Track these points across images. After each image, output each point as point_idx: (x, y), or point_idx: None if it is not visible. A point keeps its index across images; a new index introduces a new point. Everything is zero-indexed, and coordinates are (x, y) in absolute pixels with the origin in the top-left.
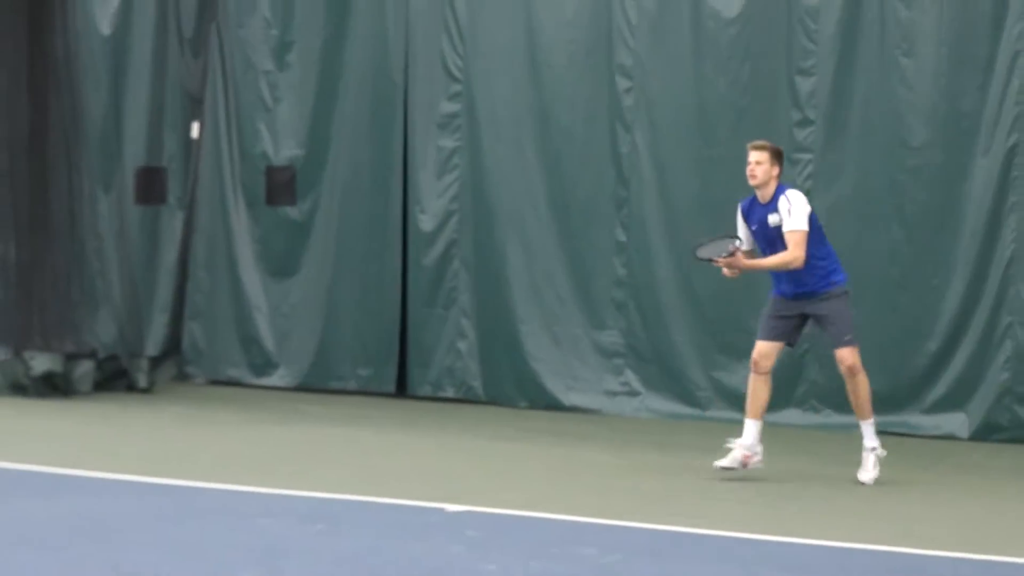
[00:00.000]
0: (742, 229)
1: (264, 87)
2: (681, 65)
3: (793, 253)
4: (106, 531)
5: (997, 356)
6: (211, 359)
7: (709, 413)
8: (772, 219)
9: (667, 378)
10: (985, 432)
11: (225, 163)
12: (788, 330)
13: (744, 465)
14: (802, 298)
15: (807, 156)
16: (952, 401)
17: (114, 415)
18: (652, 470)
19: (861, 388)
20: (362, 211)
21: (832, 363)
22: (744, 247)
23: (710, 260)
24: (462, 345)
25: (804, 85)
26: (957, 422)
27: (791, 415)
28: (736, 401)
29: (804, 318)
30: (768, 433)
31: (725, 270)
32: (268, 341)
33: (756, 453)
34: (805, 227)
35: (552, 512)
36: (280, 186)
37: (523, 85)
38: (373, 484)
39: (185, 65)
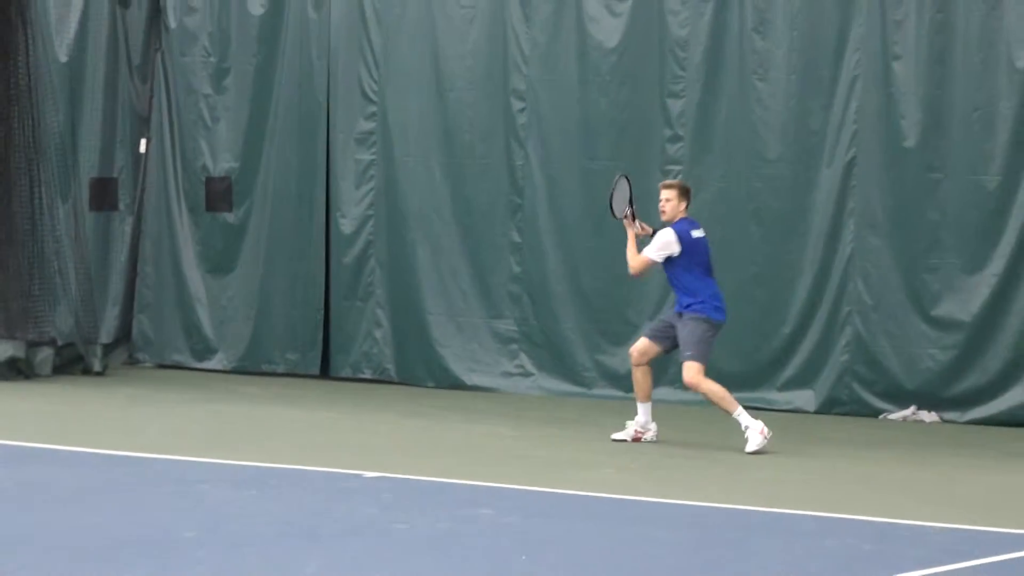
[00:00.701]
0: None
1: (204, 108)
2: (568, 88)
3: (632, 264)
4: (66, 496)
5: (839, 341)
6: (158, 346)
7: (593, 391)
8: None
9: (556, 361)
10: (828, 406)
11: (169, 174)
12: (664, 337)
13: (636, 440)
14: (677, 315)
15: (677, 168)
16: (801, 380)
17: (71, 395)
18: (543, 441)
19: (710, 396)
20: (290, 216)
21: None
22: (624, 216)
23: (618, 184)
24: (378, 333)
25: (675, 106)
26: (805, 398)
27: (663, 392)
28: (616, 381)
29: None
30: None
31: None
32: (208, 330)
33: (649, 430)
34: (651, 258)
35: (456, 478)
36: (218, 194)
37: (430, 106)
38: (300, 454)
39: (134, 89)
